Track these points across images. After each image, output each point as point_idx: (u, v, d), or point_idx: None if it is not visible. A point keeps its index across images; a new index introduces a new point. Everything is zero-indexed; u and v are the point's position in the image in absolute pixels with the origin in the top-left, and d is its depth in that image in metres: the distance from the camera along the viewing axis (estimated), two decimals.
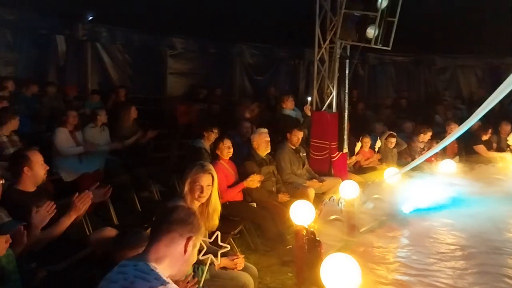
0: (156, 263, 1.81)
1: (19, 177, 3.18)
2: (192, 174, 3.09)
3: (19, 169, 3.17)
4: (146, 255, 1.84)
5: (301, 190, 5.45)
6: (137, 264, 1.78)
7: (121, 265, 1.83)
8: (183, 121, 8.93)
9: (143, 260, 1.80)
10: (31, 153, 3.28)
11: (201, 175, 3.08)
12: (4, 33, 8.11)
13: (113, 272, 1.81)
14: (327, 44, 6.51)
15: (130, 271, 1.76)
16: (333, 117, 6.46)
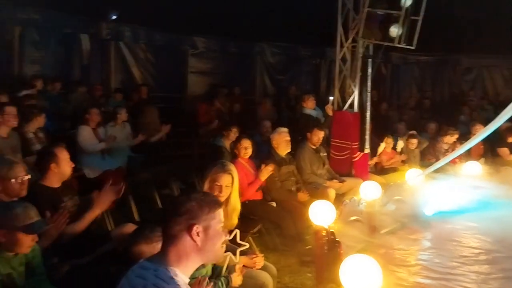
0: (177, 265, 1.73)
1: (46, 173, 3.24)
2: (212, 173, 3.11)
3: (46, 165, 3.23)
4: (166, 258, 1.74)
5: (321, 190, 5.42)
6: (157, 269, 1.70)
7: (142, 266, 1.75)
8: (204, 120, 8.99)
9: (164, 265, 1.71)
10: (58, 150, 3.33)
11: (221, 175, 3.09)
12: (31, 32, 8.28)
13: (133, 273, 1.75)
14: (349, 43, 6.45)
15: (150, 277, 1.68)
16: (355, 117, 6.40)
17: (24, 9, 7.98)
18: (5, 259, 2.30)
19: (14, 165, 2.93)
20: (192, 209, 1.76)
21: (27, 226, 2.31)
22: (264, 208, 4.82)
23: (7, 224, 2.28)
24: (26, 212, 2.34)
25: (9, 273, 2.29)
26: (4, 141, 4.77)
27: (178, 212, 1.75)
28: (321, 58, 12.37)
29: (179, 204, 1.77)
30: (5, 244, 2.30)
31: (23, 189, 2.92)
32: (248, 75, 11.72)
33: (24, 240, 2.30)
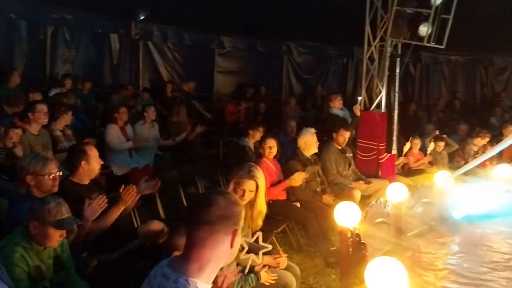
0: (199, 274, 1.64)
1: (76, 170, 3.31)
2: (238, 176, 3.10)
3: (76, 162, 3.30)
4: (188, 266, 1.65)
5: (346, 191, 5.36)
6: (178, 280, 1.62)
7: (164, 275, 1.67)
8: (230, 119, 9.05)
9: (185, 275, 1.63)
10: (88, 147, 3.40)
11: (245, 180, 3.08)
12: (63, 32, 8.49)
13: (155, 279, 1.69)
14: (377, 42, 6.36)
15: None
16: (382, 117, 6.31)
17: (57, 9, 8.19)
18: (35, 251, 2.38)
19: (48, 162, 3.02)
20: (238, 213, 1.70)
21: (58, 221, 2.38)
22: (289, 208, 4.81)
23: (40, 217, 2.36)
24: (58, 208, 2.42)
25: (38, 265, 2.36)
26: (35, 138, 4.90)
27: (225, 216, 1.67)
28: (349, 57, 12.26)
29: (226, 207, 1.68)
30: (36, 237, 2.38)
31: (55, 185, 3.01)
32: (275, 74, 11.72)
33: (53, 235, 2.38)
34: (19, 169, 2.98)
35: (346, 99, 8.33)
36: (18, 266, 2.27)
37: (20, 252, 2.31)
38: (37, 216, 2.37)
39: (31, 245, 2.36)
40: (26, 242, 2.36)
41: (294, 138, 5.62)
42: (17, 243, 2.33)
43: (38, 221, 2.36)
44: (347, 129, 5.92)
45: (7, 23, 7.56)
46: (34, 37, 8.09)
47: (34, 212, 2.39)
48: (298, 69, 11.91)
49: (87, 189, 3.30)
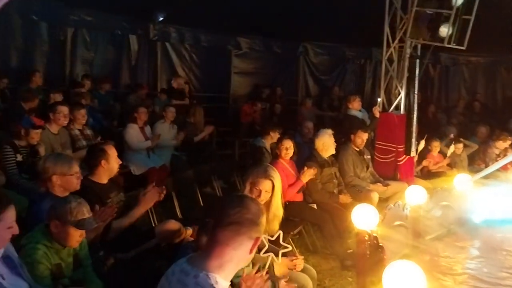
0: (218, 271, 1.69)
1: (95, 169, 3.35)
2: (253, 176, 3.09)
3: (96, 161, 3.34)
4: (209, 262, 1.69)
5: (364, 193, 5.31)
6: (198, 275, 1.66)
7: (183, 271, 1.72)
8: (246, 120, 9.05)
9: (205, 270, 1.67)
10: (108, 147, 3.45)
11: (261, 180, 3.07)
12: (82, 33, 8.62)
13: (174, 276, 1.73)
14: (396, 43, 6.29)
15: (190, 283, 1.65)
16: (401, 119, 6.23)
17: (77, 11, 8.31)
18: (55, 250, 2.41)
19: (73, 162, 3.08)
20: (262, 221, 1.76)
21: (78, 221, 2.41)
22: (305, 210, 4.78)
23: (61, 217, 2.39)
24: (79, 208, 2.45)
25: (58, 263, 2.39)
26: (55, 138, 4.99)
27: (252, 222, 1.73)
28: (367, 58, 12.15)
29: (256, 213, 1.75)
30: (57, 236, 2.41)
31: (78, 184, 3.07)
32: (291, 75, 11.69)
33: (73, 234, 2.41)
34: (42, 169, 3.03)
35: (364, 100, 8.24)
36: (42, 263, 2.31)
37: (43, 249, 2.35)
38: (58, 216, 2.40)
39: (51, 244, 2.40)
40: (47, 241, 2.39)
41: (310, 139, 5.60)
42: (39, 241, 2.37)
43: (59, 221, 2.39)
44: (365, 130, 5.86)
45: (29, 25, 7.70)
46: (55, 38, 8.22)
47: (55, 211, 2.42)
48: (315, 70, 11.85)
49: (106, 188, 3.34)
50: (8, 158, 4.41)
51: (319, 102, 10.70)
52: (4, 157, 4.39)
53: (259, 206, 1.80)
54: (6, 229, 1.93)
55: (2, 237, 1.92)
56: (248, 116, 9.10)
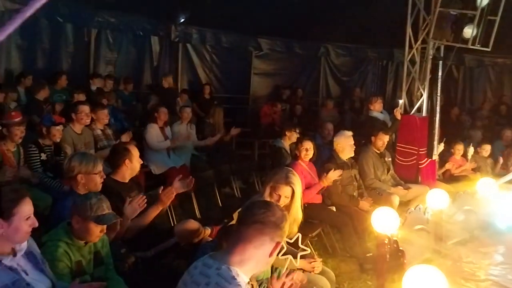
0: (239, 266, 1.76)
1: (118, 168, 3.41)
2: (274, 181, 3.06)
3: (120, 161, 3.40)
4: (230, 256, 1.77)
5: (384, 196, 5.24)
6: (220, 267, 1.73)
7: (205, 264, 1.79)
8: (266, 121, 9.06)
9: (227, 263, 1.75)
10: (132, 147, 3.52)
11: (281, 186, 3.04)
12: (106, 35, 8.75)
13: (196, 269, 1.79)
14: (419, 44, 6.21)
15: (212, 275, 1.72)
16: (423, 121, 6.14)
17: (101, 13, 8.44)
18: (76, 246, 2.45)
19: (98, 161, 3.14)
20: (285, 228, 1.84)
21: (98, 217, 2.45)
22: (324, 212, 4.75)
23: (82, 212, 2.44)
24: (99, 204, 2.50)
25: (79, 260, 2.44)
26: (78, 137, 5.09)
27: (275, 224, 1.80)
28: (388, 60, 12.03)
29: (280, 217, 1.83)
30: (78, 231, 2.46)
31: (101, 183, 3.13)
32: (312, 76, 11.65)
33: (94, 230, 2.45)
34: (68, 168, 3.10)
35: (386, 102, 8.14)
36: (62, 261, 2.35)
37: (63, 247, 2.39)
38: (79, 211, 2.45)
39: (73, 241, 2.44)
40: (69, 238, 2.44)
41: (330, 141, 5.56)
42: (60, 239, 2.42)
43: (80, 216, 2.44)
44: (386, 132, 5.79)
45: (54, 26, 7.86)
46: (79, 39, 8.36)
47: (76, 207, 2.48)
48: (336, 71, 11.79)
49: (127, 187, 3.39)
50: (33, 156, 4.52)
51: (340, 104, 10.64)
52: (29, 155, 4.51)
53: (284, 212, 1.88)
54: (24, 221, 1.97)
55: (21, 230, 1.96)
56: (268, 117, 9.11)
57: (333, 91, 11.77)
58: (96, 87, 7.56)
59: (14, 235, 1.95)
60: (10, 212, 1.92)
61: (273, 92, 10.89)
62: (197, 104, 8.82)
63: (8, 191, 1.98)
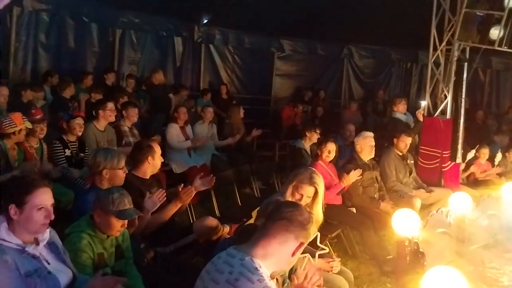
0: (262, 260, 1.79)
1: (141, 164, 3.47)
2: (297, 180, 3.05)
3: (143, 157, 3.46)
4: (254, 249, 1.81)
5: (406, 199, 5.17)
6: (244, 258, 1.77)
7: (229, 254, 1.83)
8: (287, 122, 9.04)
9: (250, 255, 1.78)
10: (155, 144, 3.59)
11: (305, 186, 3.03)
12: (130, 35, 8.88)
13: (220, 259, 1.83)
14: (444, 46, 6.11)
15: (236, 265, 1.76)
16: (447, 124, 6.03)
17: (125, 13, 8.57)
18: (99, 239, 2.50)
19: (122, 157, 3.21)
20: (309, 231, 1.89)
21: (120, 211, 2.50)
22: (344, 213, 4.71)
23: (104, 206, 2.50)
24: (121, 199, 2.54)
25: (100, 253, 2.48)
26: (101, 134, 5.19)
27: (301, 223, 1.86)
28: (413, 62, 11.87)
29: (306, 217, 1.88)
30: (99, 225, 2.51)
31: (124, 178, 3.19)
32: (335, 78, 11.59)
33: (115, 224, 2.49)
34: (92, 163, 3.17)
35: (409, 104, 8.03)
36: (85, 251, 2.40)
37: (87, 239, 2.44)
38: (102, 205, 2.50)
39: (96, 233, 2.49)
40: (92, 230, 2.49)
41: (351, 142, 5.51)
42: (84, 230, 2.47)
43: (102, 210, 2.49)
44: (408, 134, 5.69)
45: (80, 26, 8.01)
46: (104, 39, 8.50)
47: (99, 201, 2.53)
48: (359, 73, 11.70)
49: (148, 184, 3.43)
50: (58, 152, 4.63)
51: (363, 106, 10.54)
52: (53, 151, 4.62)
53: (311, 215, 1.93)
54: (36, 211, 1.99)
55: (32, 219, 1.99)
56: (289, 118, 9.09)
57: (356, 93, 11.67)
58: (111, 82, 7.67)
59: (26, 224, 1.98)
60: (22, 200, 1.97)
61: (295, 94, 10.87)
62: (216, 105, 8.87)
63: (24, 179, 2.03)
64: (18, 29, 7.08)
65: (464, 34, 5.79)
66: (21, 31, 7.16)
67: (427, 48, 6.29)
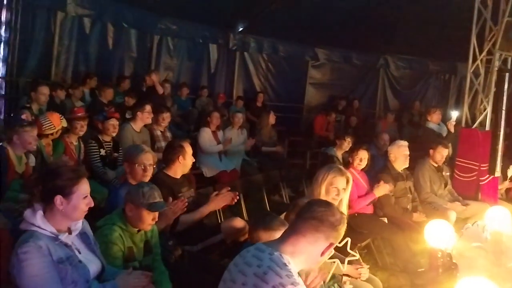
0: (291, 256, 1.78)
1: (172, 163, 3.54)
2: (329, 176, 3.11)
3: (174, 156, 3.53)
4: (283, 245, 1.80)
5: (440, 211, 5.01)
6: (273, 253, 1.76)
7: (258, 248, 1.83)
8: (319, 131, 8.98)
9: (279, 250, 1.78)
10: (186, 144, 3.65)
11: (338, 178, 3.11)
12: (167, 41, 9.07)
13: (249, 252, 1.83)
14: (484, 56, 5.93)
15: (265, 259, 1.75)
16: (486, 136, 5.82)
17: (163, 20, 8.77)
18: (129, 233, 2.55)
19: (143, 153, 3.26)
20: (340, 231, 1.86)
21: (150, 204, 2.54)
22: (375, 223, 4.61)
23: (135, 200, 2.55)
24: (151, 192, 2.59)
25: (130, 247, 2.53)
26: (138, 135, 5.31)
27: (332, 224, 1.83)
28: (451, 73, 11.59)
29: (338, 218, 1.85)
30: (131, 218, 2.56)
31: (145, 176, 3.24)
32: (370, 88, 11.47)
33: (146, 217, 2.54)
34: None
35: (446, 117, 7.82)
36: (116, 244, 2.45)
37: (118, 231, 2.50)
38: (132, 199, 2.55)
39: (127, 227, 2.55)
40: (123, 223, 2.54)
41: (385, 151, 5.40)
42: (115, 223, 2.53)
43: (133, 203, 2.54)
44: (445, 146, 5.53)
45: (120, 31, 8.25)
46: (142, 45, 8.71)
47: (130, 195, 2.59)
48: (395, 83, 11.52)
49: (179, 183, 3.49)
50: (93, 152, 4.77)
51: (398, 117, 10.34)
52: (89, 150, 4.77)
53: (343, 216, 1.89)
54: (82, 199, 2.08)
55: (79, 208, 2.07)
56: (321, 127, 9.03)
57: (391, 104, 11.49)
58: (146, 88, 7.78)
59: (72, 213, 2.06)
60: (70, 190, 2.04)
61: (328, 103, 10.80)
62: (250, 112, 8.91)
63: (68, 170, 2.09)
64: (61, 33, 7.34)
65: (505, 44, 5.61)
66: (64, 35, 7.42)
67: (466, 59, 6.12)
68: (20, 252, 1.89)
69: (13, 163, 3.67)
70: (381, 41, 9.70)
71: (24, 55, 6.80)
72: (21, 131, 3.72)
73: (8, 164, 3.62)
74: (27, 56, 6.86)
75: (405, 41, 9.62)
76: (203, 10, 8.40)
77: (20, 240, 1.95)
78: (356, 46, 10.39)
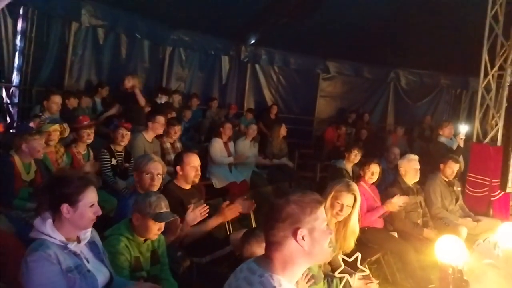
0: (282, 272, 1.67)
1: (176, 174, 3.54)
2: (335, 190, 3.07)
3: (175, 167, 3.53)
4: (272, 264, 1.68)
5: (451, 227, 4.94)
6: (263, 275, 1.65)
7: (250, 269, 1.71)
8: (330, 144, 8.96)
9: (269, 271, 1.66)
10: (186, 155, 3.56)
11: (344, 194, 3.04)
12: (179, 52, 9.17)
13: (241, 273, 1.74)
14: (495, 71, 5.91)
15: (255, 282, 1.65)
16: (497, 151, 5.77)
17: (176, 31, 8.88)
18: (136, 243, 2.56)
19: (151, 162, 3.27)
20: (293, 212, 1.64)
21: (156, 214, 2.55)
22: (385, 238, 4.56)
23: (142, 209, 2.57)
24: (158, 202, 2.61)
25: (137, 257, 2.53)
26: (149, 145, 5.34)
27: (279, 218, 1.65)
28: (463, 88, 11.52)
29: (279, 209, 1.66)
30: (137, 228, 2.57)
31: (152, 185, 3.24)
32: (381, 101, 11.46)
33: (152, 227, 2.55)
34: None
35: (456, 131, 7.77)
36: (123, 254, 2.46)
37: (125, 241, 2.50)
38: (139, 208, 2.57)
39: (133, 237, 2.55)
40: (130, 234, 2.55)
41: (396, 165, 5.37)
42: (122, 233, 2.54)
43: (140, 213, 2.55)
44: (456, 161, 5.49)
45: (133, 42, 8.36)
46: (155, 56, 8.81)
47: (137, 204, 2.61)
48: (406, 97, 11.48)
49: (188, 194, 3.49)
50: (104, 161, 4.80)
51: (409, 131, 10.29)
52: (101, 160, 4.79)
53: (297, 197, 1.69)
54: (89, 208, 2.09)
55: (85, 216, 2.08)
56: (332, 139, 9.01)
57: (402, 118, 11.44)
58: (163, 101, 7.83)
59: (79, 221, 2.07)
60: (76, 199, 2.05)
61: (339, 115, 10.80)
62: (263, 124, 8.93)
63: (75, 178, 2.11)
64: (75, 43, 7.46)
65: None
66: (78, 45, 7.53)
67: (478, 74, 6.10)
68: (29, 261, 1.90)
69: (19, 171, 3.66)
70: (392, 54, 9.70)
71: (38, 65, 6.90)
72: (30, 139, 3.70)
73: (14, 172, 3.61)
74: (41, 65, 6.95)
75: (416, 55, 9.60)
76: (215, 23, 8.50)
77: (30, 248, 1.97)
78: (367, 59, 10.42)
